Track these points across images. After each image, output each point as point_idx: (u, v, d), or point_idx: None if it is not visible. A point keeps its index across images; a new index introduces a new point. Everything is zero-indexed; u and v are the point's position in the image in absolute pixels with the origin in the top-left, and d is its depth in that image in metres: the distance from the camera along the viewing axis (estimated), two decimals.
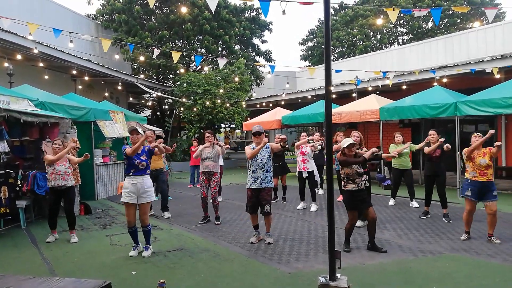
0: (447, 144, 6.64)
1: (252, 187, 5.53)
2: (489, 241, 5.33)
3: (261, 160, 5.51)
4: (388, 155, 5.82)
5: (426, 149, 6.80)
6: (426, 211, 7.07)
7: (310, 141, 7.77)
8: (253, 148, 5.58)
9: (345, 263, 4.30)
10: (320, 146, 8.38)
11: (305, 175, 7.87)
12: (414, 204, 7.98)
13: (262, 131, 5.61)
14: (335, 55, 29.57)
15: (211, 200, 6.97)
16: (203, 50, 21.77)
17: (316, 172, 7.95)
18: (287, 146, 5.72)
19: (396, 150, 5.76)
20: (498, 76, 10.16)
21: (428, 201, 7.04)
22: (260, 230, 5.78)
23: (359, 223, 6.19)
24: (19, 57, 10.40)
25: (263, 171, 5.49)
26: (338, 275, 3.33)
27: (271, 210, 5.63)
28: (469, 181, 5.41)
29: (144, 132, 5.53)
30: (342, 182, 5.24)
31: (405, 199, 8.51)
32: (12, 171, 6.85)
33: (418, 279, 4.14)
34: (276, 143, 8.50)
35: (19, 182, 6.96)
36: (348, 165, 5.10)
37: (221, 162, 7.37)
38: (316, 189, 8.45)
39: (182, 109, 18.48)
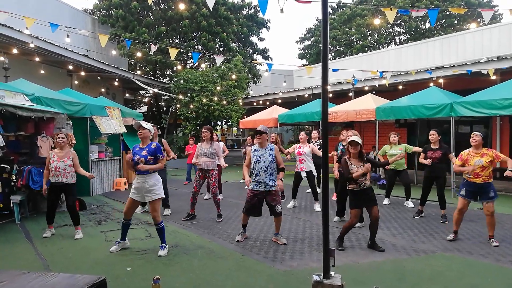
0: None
1: (255, 189, 5.37)
2: (489, 243, 5.32)
3: (264, 162, 5.34)
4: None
5: (421, 160, 6.91)
6: (420, 211, 7.11)
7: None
8: (254, 151, 5.45)
9: (339, 261, 4.32)
10: (318, 146, 8.36)
11: (303, 175, 7.78)
12: (410, 204, 8.01)
13: (265, 131, 5.45)
14: (332, 54, 29.62)
15: (206, 197, 6.96)
16: (200, 47, 21.73)
17: (314, 172, 7.86)
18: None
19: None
20: (493, 77, 10.22)
21: (423, 201, 7.08)
22: (247, 229, 5.75)
23: (358, 224, 6.20)
24: (15, 51, 10.34)
25: (266, 174, 5.31)
26: (332, 273, 3.35)
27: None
28: (465, 181, 5.44)
29: (151, 128, 5.34)
30: (347, 182, 5.23)
31: (399, 199, 8.55)
32: (7, 166, 6.82)
33: (411, 277, 4.17)
34: (272, 142, 8.50)
35: (14, 177, 6.93)
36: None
37: (219, 162, 7.28)
38: (318, 187, 8.42)
39: (178, 106, 18.44)
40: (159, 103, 23.14)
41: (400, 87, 12.86)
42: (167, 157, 7.11)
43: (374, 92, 13.19)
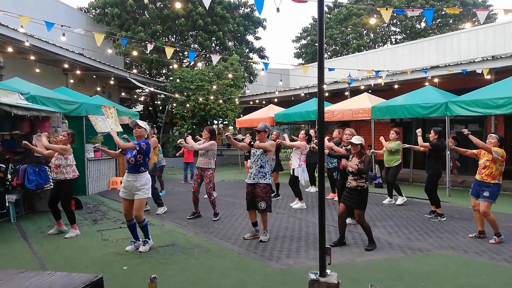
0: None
1: (247, 182, 5.57)
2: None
3: (254, 154, 5.52)
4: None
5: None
6: (431, 211, 7.00)
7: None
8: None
9: (335, 260, 4.35)
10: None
11: (291, 171, 7.97)
12: (386, 200, 8.17)
13: (263, 130, 5.53)
14: (329, 53, 29.64)
15: (205, 196, 6.96)
16: (196, 45, 21.68)
17: (298, 171, 7.79)
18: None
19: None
20: (488, 77, 10.29)
21: (429, 200, 7.00)
22: (259, 228, 5.71)
23: (348, 220, 6.25)
24: (10, 49, 10.27)
25: (256, 166, 5.46)
26: (328, 271, 3.37)
27: (271, 208, 5.54)
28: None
29: (147, 126, 5.37)
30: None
31: (395, 197, 8.59)
32: (2, 165, 6.79)
33: (406, 276, 4.20)
34: (273, 139, 8.53)
35: (9, 176, 6.89)
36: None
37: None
38: (314, 186, 8.45)
39: (174, 104, 18.40)
40: (155, 102, 23.06)
41: (396, 86, 12.91)
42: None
43: (370, 91, 13.23)
